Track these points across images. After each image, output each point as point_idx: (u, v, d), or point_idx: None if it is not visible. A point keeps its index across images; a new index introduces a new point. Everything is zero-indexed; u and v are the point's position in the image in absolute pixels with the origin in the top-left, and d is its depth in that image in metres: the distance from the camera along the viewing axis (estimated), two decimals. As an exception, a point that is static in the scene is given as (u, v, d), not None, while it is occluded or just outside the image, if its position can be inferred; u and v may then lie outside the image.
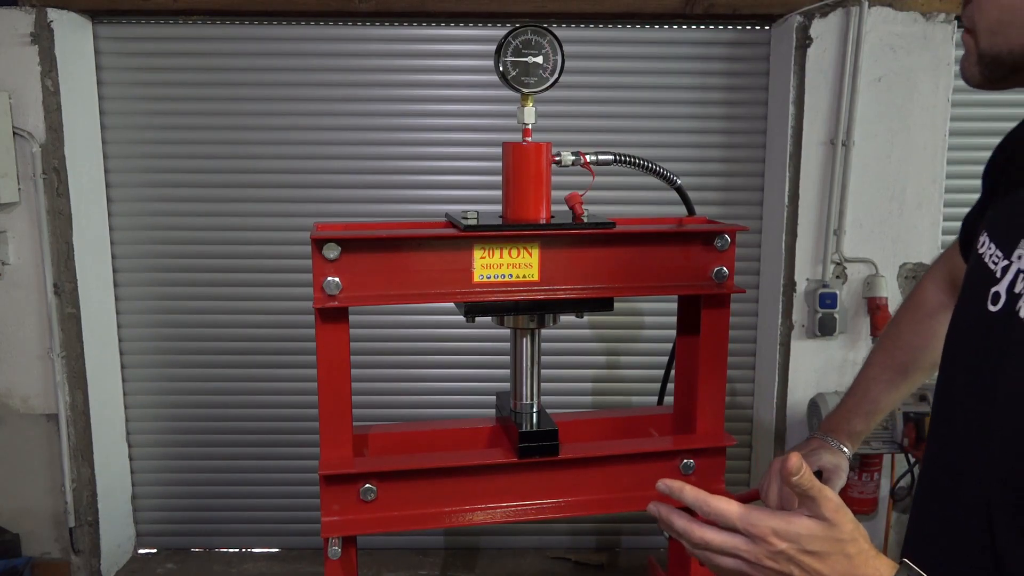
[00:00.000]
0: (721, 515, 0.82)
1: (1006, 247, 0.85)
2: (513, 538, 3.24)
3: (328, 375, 1.58)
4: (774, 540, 0.80)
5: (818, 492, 0.80)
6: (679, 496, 0.86)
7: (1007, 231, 0.87)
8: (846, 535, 0.79)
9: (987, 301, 0.85)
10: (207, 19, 2.94)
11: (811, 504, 0.80)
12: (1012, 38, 0.77)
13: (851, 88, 2.69)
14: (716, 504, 0.82)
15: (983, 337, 0.86)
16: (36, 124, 2.73)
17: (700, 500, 0.84)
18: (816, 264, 2.84)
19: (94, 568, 2.99)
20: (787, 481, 0.80)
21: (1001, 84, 0.83)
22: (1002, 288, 0.84)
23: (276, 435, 3.16)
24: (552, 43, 1.59)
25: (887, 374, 1.33)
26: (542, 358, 1.80)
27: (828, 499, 0.80)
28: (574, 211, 1.66)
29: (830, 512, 0.80)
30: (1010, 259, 0.84)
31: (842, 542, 0.79)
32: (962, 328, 0.94)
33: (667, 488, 0.87)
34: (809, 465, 1.29)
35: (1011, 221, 0.87)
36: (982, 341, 0.86)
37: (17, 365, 2.86)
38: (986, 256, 0.89)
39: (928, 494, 0.99)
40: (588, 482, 1.72)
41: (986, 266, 0.88)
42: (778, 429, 2.95)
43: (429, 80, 2.96)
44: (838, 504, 0.80)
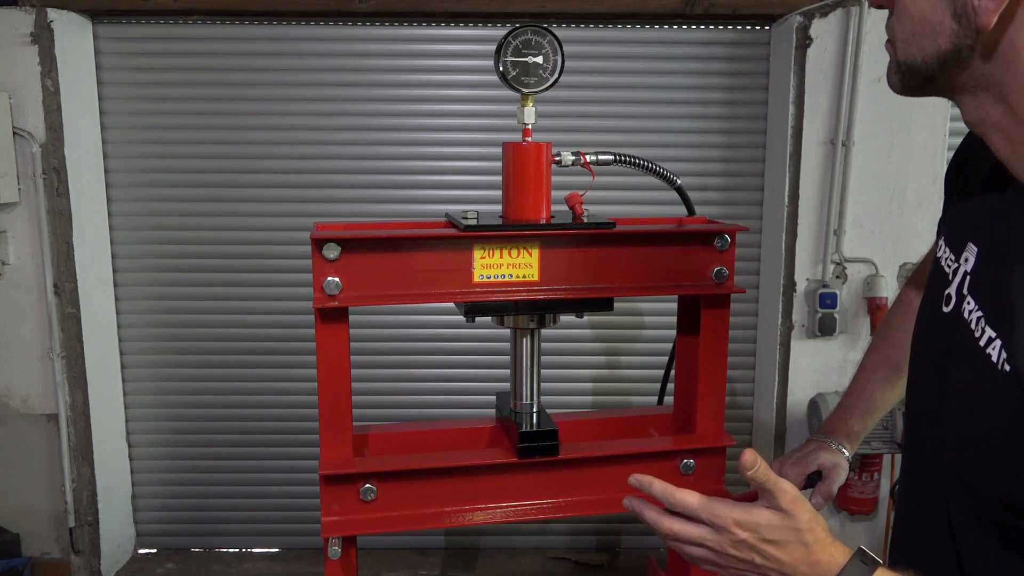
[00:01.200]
0: (685, 507, 0.89)
1: (956, 250, 0.91)
2: (513, 538, 3.24)
3: (328, 375, 1.58)
4: (735, 530, 0.85)
5: (774, 485, 0.85)
6: (648, 490, 0.92)
7: (957, 235, 0.92)
8: (803, 524, 0.84)
9: (941, 302, 0.92)
10: (207, 19, 2.94)
11: (769, 496, 0.86)
12: (924, 47, 0.81)
13: (851, 88, 2.69)
14: (680, 496, 0.90)
15: (938, 337, 0.92)
16: (36, 124, 2.73)
17: (666, 493, 0.91)
18: (816, 264, 2.84)
19: (94, 568, 2.99)
20: (744, 475, 0.85)
21: (920, 91, 0.86)
22: (952, 290, 0.90)
23: (276, 435, 3.16)
24: (552, 43, 1.59)
25: (881, 372, 1.35)
26: (542, 358, 1.80)
27: (784, 491, 0.85)
28: (574, 211, 1.66)
29: (787, 503, 0.85)
30: (958, 261, 0.90)
31: (799, 531, 0.84)
32: (922, 329, 1.00)
33: (637, 482, 0.94)
34: (808, 465, 1.30)
35: (961, 226, 0.93)
36: (937, 341, 0.93)
37: (17, 365, 2.86)
38: (942, 260, 0.95)
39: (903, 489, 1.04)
40: (588, 482, 1.72)
41: (942, 269, 0.94)
42: (778, 429, 2.95)
43: (429, 80, 2.96)
44: (795, 496, 0.86)
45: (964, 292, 0.87)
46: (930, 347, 0.96)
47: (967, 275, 0.87)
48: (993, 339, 0.80)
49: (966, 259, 0.89)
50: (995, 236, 0.85)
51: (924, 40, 0.80)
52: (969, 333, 0.84)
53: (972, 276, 0.87)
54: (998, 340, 0.79)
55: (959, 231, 0.92)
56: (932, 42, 0.80)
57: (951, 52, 0.79)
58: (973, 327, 0.83)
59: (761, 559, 0.85)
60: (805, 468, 1.31)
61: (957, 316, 0.87)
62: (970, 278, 0.87)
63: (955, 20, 0.77)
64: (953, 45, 0.78)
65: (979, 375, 0.81)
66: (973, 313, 0.84)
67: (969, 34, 0.77)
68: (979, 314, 0.83)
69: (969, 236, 0.89)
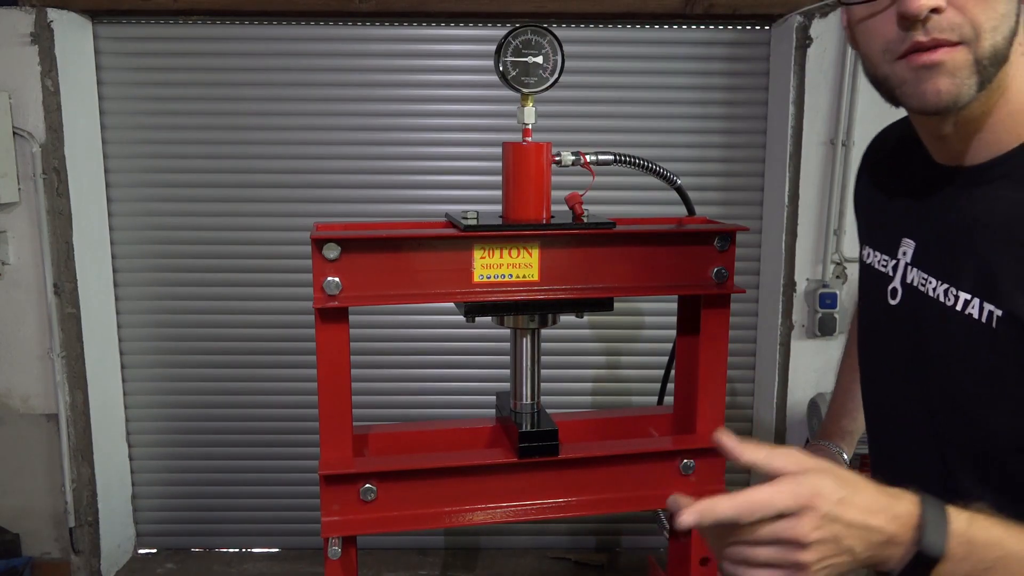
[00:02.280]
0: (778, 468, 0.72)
1: (888, 250, 1.01)
2: (513, 538, 3.24)
3: (328, 375, 1.58)
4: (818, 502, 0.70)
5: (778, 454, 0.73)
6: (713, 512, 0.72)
7: (887, 238, 1.01)
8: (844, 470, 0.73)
9: (887, 298, 0.99)
10: (207, 19, 2.94)
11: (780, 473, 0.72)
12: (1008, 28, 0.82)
13: (851, 88, 2.69)
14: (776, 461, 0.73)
15: (892, 328, 0.99)
16: (36, 124, 2.73)
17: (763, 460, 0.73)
18: (816, 264, 2.84)
19: (94, 568, 2.99)
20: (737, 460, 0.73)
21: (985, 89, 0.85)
22: (896, 283, 0.98)
23: (276, 435, 3.16)
24: (552, 43, 1.59)
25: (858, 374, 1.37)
26: (542, 358, 1.80)
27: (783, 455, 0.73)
28: (574, 211, 1.66)
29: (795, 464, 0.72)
30: (895, 257, 0.99)
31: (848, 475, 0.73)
32: (870, 327, 1.07)
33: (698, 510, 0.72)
34: None
35: (888, 230, 1.02)
36: (894, 332, 0.99)
37: (17, 365, 2.86)
38: (874, 264, 1.04)
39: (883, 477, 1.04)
40: (588, 482, 1.72)
41: (877, 271, 1.03)
42: (778, 429, 2.95)
43: (429, 80, 2.96)
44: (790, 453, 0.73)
45: (910, 279, 0.96)
46: (887, 341, 1.01)
47: (908, 265, 0.96)
48: (970, 300, 0.86)
49: (904, 252, 0.98)
50: (932, 219, 0.94)
51: (1009, 20, 0.80)
52: (938, 306, 0.90)
53: (917, 263, 0.95)
54: (976, 299, 0.86)
55: (888, 234, 1.01)
56: (1009, 19, 0.80)
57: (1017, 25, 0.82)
58: (943, 299, 0.90)
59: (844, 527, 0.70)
60: None
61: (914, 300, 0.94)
62: (914, 265, 0.95)
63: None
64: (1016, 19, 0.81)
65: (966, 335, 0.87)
66: (938, 288, 0.91)
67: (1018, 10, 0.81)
68: (945, 287, 0.90)
69: (902, 233, 0.98)
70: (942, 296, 0.90)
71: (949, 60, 0.81)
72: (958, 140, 0.90)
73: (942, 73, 0.81)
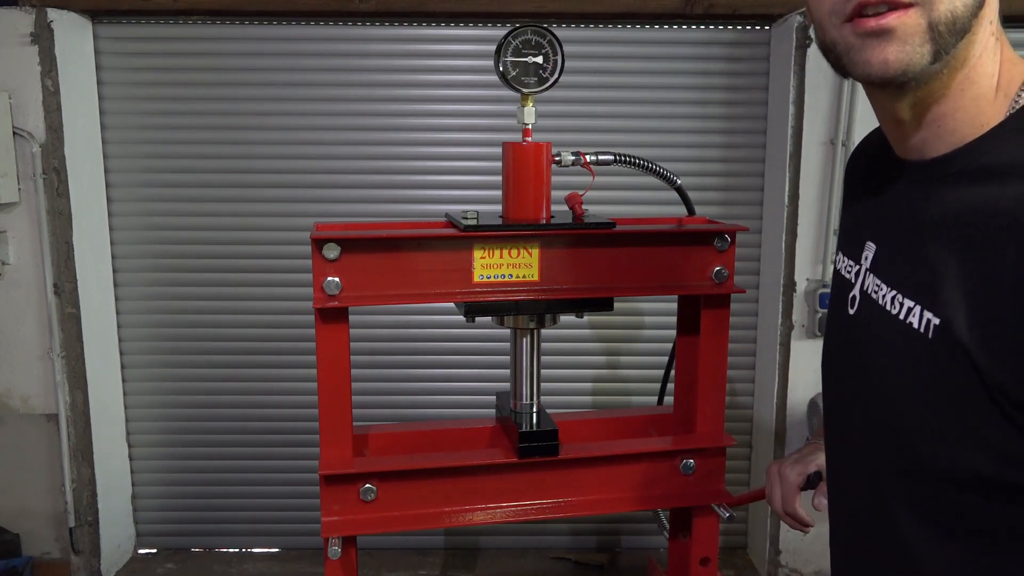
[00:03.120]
0: None
1: (854, 255, 0.93)
2: (513, 538, 3.24)
3: (328, 375, 1.58)
4: None
5: None
6: None
7: (853, 242, 0.94)
8: None
9: (847, 307, 0.92)
10: (207, 19, 2.94)
11: None
12: None
13: (851, 88, 2.69)
14: None
15: (849, 338, 0.92)
16: (36, 124, 2.73)
17: None
18: (816, 264, 2.84)
19: (94, 568, 2.99)
20: None
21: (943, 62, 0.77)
22: (856, 291, 0.91)
23: (276, 435, 3.16)
24: (552, 43, 1.59)
25: None
26: (542, 358, 1.80)
27: None
28: (574, 211, 1.66)
29: None
30: (859, 263, 0.91)
31: None
32: (830, 340, 1.00)
33: None
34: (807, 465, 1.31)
35: (854, 232, 0.95)
36: (849, 343, 0.92)
37: (17, 365, 2.86)
38: (842, 269, 0.97)
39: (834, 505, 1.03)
40: (588, 482, 1.72)
41: (843, 277, 0.96)
42: (778, 429, 2.95)
43: (429, 80, 2.96)
44: None
45: (866, 286, 0.88)
46: (842, 352, 0.95)
47: (867, 271, 0.89)
48: (912, 307, 0.79)
49: (865, 257, 0.90)
50: (894, 222, 0.86)
51: None
52: (885, 315, 0.83)
53: (874, 268, 0.88)
54: (917, 306, 0.78)
55: (856, 237, 0.94)
56: None
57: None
58: (889, 307, 0.83)
59: None
60: (804, 468, 1.32)
61: (867, 309, 0.88)
62: (872, 271, 0.88)
63: None
64: None
65: (905, 348, 0.80)
66: (887, 295, 0.83)
67: None
68: (893, 293, 0.82)
69: (867, 237, 0.91)
70: (889, 304, 0.83)
71: (899, 25, 0.73)
72: (916, 127, 0.82)
73: (891, 40, 0.74)
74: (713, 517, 1.77)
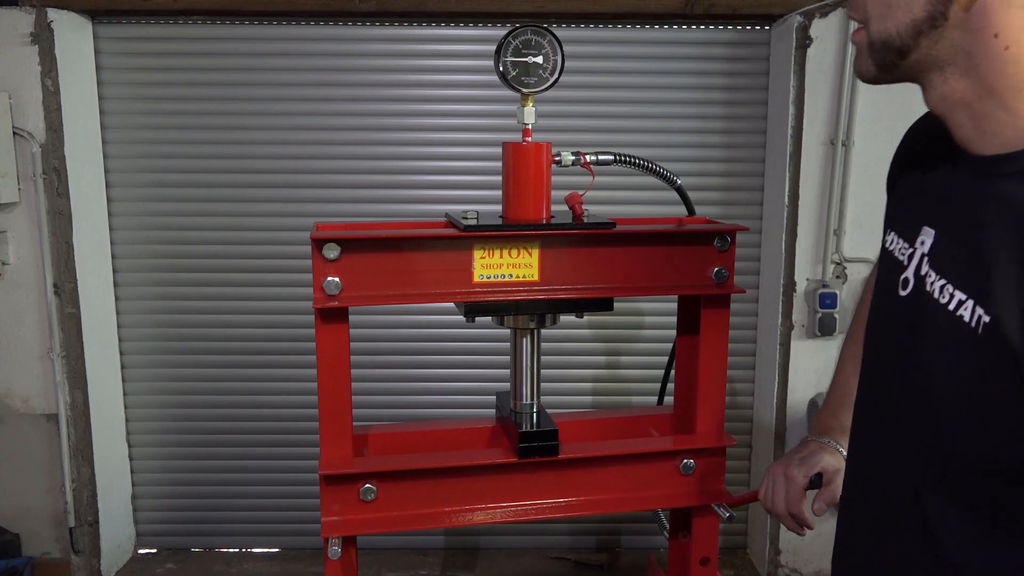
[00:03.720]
0: None
1: (909, 237, 0.95)
2: (513, 538, 3.24)
3: (328, 375, 1.58)
4: None
5: None
6: None
7: (910, 223, 0.96)
8: None
9: (898, 288, 0.94)
10: (207, 19, 2.94)
11: None
12: (899, 19, 0.84)
13: (851, 88, 2.69)
14: None
15: (898, 321, 0.94)
16: (36, 124, 2.73)
17: None
18: (816, 264, 2.84)
19: (94, 568, 2.99)
20: None
21: (892, 73, 0.89)
22: (909, 273, 0.93)
23: (276, 435, 3.16)
24: (552, 43, 1.59)
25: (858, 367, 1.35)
26: (542, 358, 1.80)
27: None
28: (574, 211, 1.66)
29: None
30: (913, 246, 0.93)
31: None
32: (877, 317, 1.02)
33: None
34: (812, 467, 1.31)
35: (912, 214, 0.97)
36: (897, 324, 0.94)
37: (17, 365, 2.86)
38: (895, 250, 0.99)
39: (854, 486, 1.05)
40: (588, 482, 1.72)
41: (895, 258, 0.98)
42: (778, 429, 2.95)
43: (429, 80, 2.96)
44: None
45: (923, 271, 0.90)
46: (889, 332, 0.98)
47: (924, 256, 0.91)
48: (964, 301, 0.81)
49: (922, 242, 0.92)
50: (953, 211, 0.88)
51: (899, 12, 0.83)
52: (935, 304, 0.85)
53: (931, 255, 0.90)
54: (970, 300, 0.80)
55: (911, 219, 0.96)
56: (907, 12, 0.83)
57: (925, 20, 0.82)
58: (938, 296, 0.85)
59: None
60: (809, 469, 1.32)
61: (920, 294, 0.89)
62: (929, 257, 0.90)
63: None
64: (927, 13, 0.81)
65: (953, 339, 0.82)
66: (936, 284, 0.86)
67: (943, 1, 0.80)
68: (943, 283, 0.85)
69: (924, 221, 0.93)
70: (937, 292, 0.86)
71: (856, 41, 0.91)
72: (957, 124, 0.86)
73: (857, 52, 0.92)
74: (713, 517, 1.77)
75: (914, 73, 0.88)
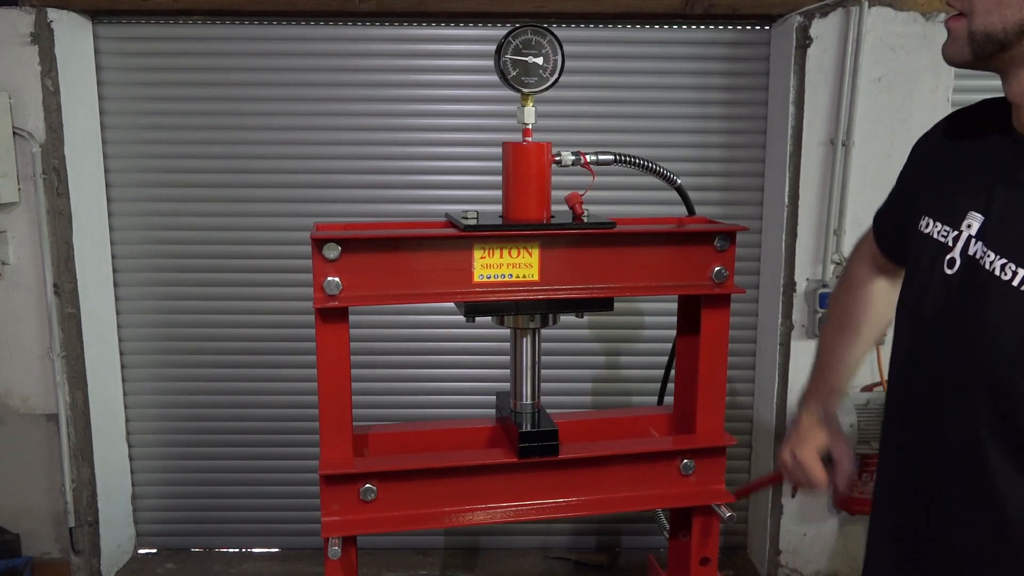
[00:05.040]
0: None
1: (952, 221, 1.03)
2: (513, 538, 3.24)
3: (328, 375, 1.58)
4: None
5: None
6: None
7: (951, 209, 1.03)
8: None
9: (943, 268, 1.02)
10: (207, 19, 2.94)
11: None
12: (1007, 16, 0.90)
13: (851, 88, 2.69)
14: None
15: (946, 296, 1.01)
16: (36, 124, 2.73)
17: None
18: (816, 264, 2.84)
19: (94, 568, 3.00)
20: None
21: (983, 63, 0.96)
22: (956, 254, 1.00)
23: (276, 435, 3.16)
24: (552, 43, 1.59)
25: (843, 336, 1.44)
26: (542, 358, 1.80)
27: None
28: (574, 211, 1.66)
29: None
30: (959, 229, 1.01)
31: None
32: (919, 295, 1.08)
33: None
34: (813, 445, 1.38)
35: (954, 200, 1.04)
36: (946, 300, 1.01)
37: (17, 365, 2.86)
38: (933, 233, 1.06)
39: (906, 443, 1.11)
40: (588, 482, 1.72)
41: (936, 241, 1.05)
42: (778, 429, 2.95)
43: (429, 80, 2.96)
44: None
45: (971, 251, 0.98)
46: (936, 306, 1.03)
47: (972, 238, 0.98)
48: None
49: (968, 225, 0.99)
50: (1008, 196, 0.95)
51: (1009, 9, 0.89)
52: (994, 279, 0.93)
53: (983, 236, 0.97)
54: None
55: (955, 205, 1.03)
56: (1018, 11, 0.89)
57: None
58: (999, 273, 0.93)
59: None
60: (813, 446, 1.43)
61: (973, 272, 0.96)
62: (981, 240, 0.97)
63: None
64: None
65: (1016, 309, 0.90)
66: (996, 263, 0.93)
67: None
68: (1003, 261, 0.93)
69: (971, 206, 1.00)
70: (998, 270, 0.93)
71: (952, 27, 0.98)
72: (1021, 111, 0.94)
73: (949, 36, 0.99)
74: (713, 517, 1.77)
75: (1004, 66, 0.95)
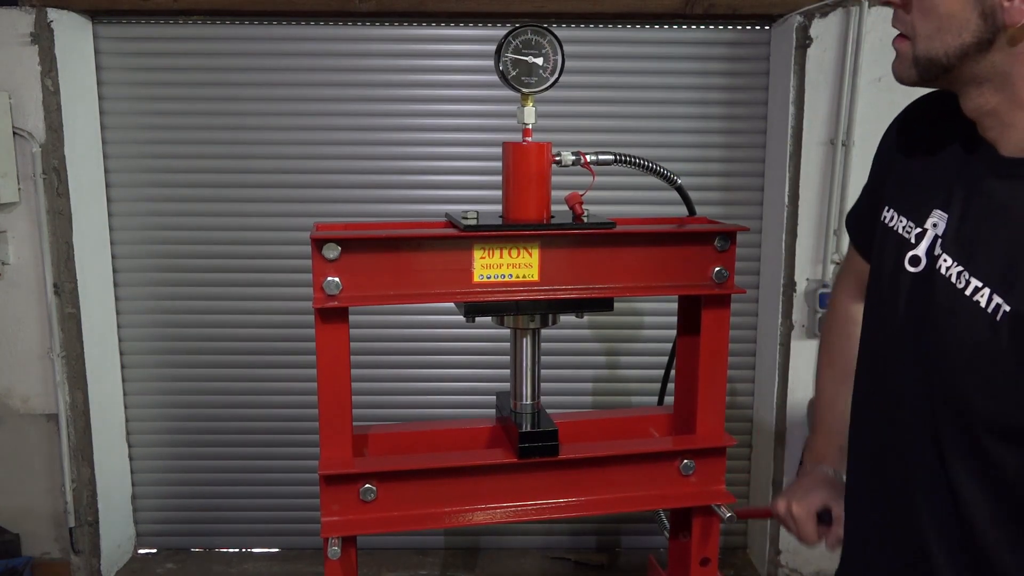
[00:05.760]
0: None
1: (916, 217, 1.01)
2: (513, 538, 3.24)
3: (328, 375, 1.58)
4: None
5: None
6: None
7: (915, 203, 1.02)
8: None
9: (905, 263, 1.00)
10: (207, 19, 2.94)
11: None
12: (948, 42, 0.91)
13: (851, 88, 2.69)
14: None
15: (907, 293, 1.00)
16: (36, 124, 2.73)
17: None
18: (816, 264, 2.84)
19: (94, 568, 2.99)
20: None
21: (932, 83, 0.98)
22: (920, 252, 0.99)
23: (276, 435, 3.16)
24: (552, 43, 1.59)
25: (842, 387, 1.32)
26: (542, 358, 1.80)
27: None
28: (574, 211, 1.66)
29: None
30: (923, 227, 0.99)
31: None
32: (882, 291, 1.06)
33: None
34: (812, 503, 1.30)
35: (918, 194, 1.03)
36: (906, 297, 1.00)
37: (17, 365, 2.86)
38: (897, 228, 1.04)
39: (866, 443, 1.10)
40: (588, 482, 1.72)
41: (898, 235, 1.03)
42: (778, 429, 2.95)
43: (429, 80, 2.96)
44: None
45: (936, 252, 0.96)
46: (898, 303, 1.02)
47: (938, 237, 0.97)
48: (980, 288, 0.89)
49: (934, 224, 0.98)
50: (971, 202, 0.94)
51: (948, 35, 0.90)
52: (950, 287, 0.92)
53: (945, 237, 0.96)
54: (987, 288, 0.88)
55: (918, 200, 1.02)
56: (956, 37, 0.90)
57: (972, 46, 0.89)
58: (955, 280, 0.92)
59: None
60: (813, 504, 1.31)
61: (932, 273, 0.96)
62: (942, 239, 0.96)
63: (981, 18, 0.87)
64: (975, 39, 0.89)
65: (969, 321, 0.89)
66: (952, 269, 0.93)
67: (991, 30, 0.87)
68: (959, 268, 0.92)
69: (934, 204, 0.99)
70: (954, 278, 0.92)
71: (898, 47, 1.00)
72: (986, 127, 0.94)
73: (896, 56, 1.00)
74: (713, 517, 1.77)
75: (952, 85, 0.96)
